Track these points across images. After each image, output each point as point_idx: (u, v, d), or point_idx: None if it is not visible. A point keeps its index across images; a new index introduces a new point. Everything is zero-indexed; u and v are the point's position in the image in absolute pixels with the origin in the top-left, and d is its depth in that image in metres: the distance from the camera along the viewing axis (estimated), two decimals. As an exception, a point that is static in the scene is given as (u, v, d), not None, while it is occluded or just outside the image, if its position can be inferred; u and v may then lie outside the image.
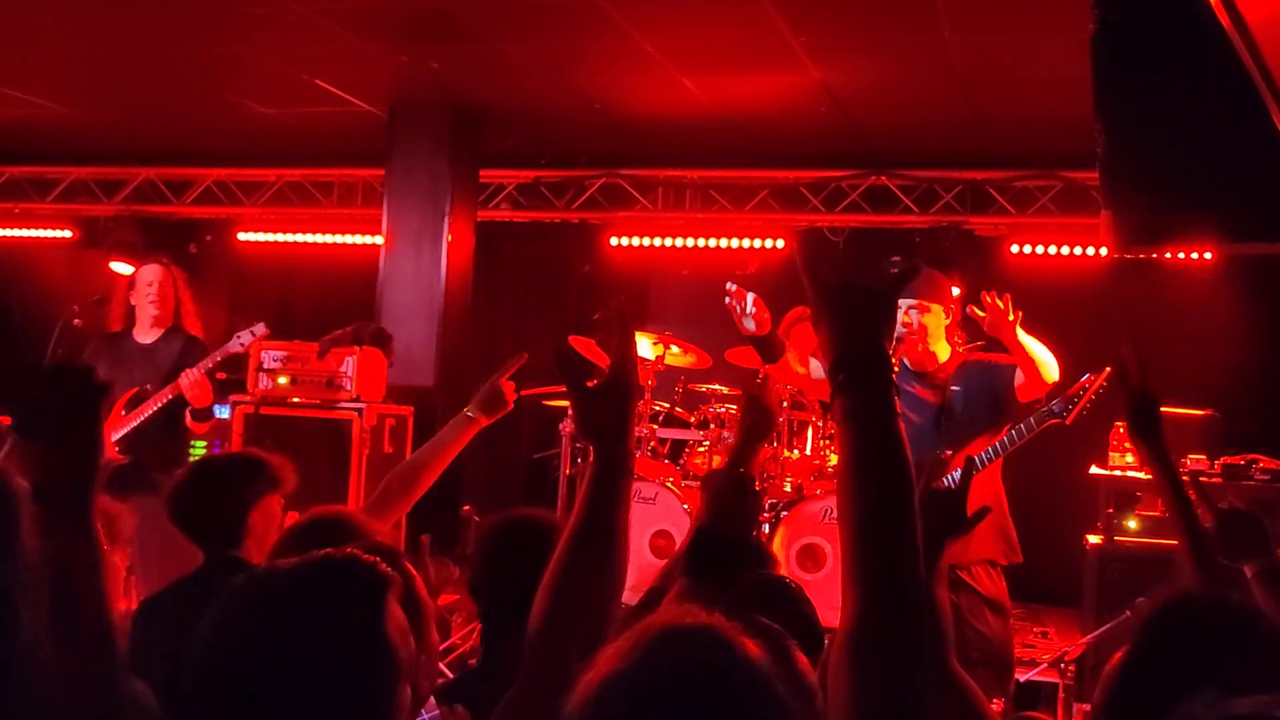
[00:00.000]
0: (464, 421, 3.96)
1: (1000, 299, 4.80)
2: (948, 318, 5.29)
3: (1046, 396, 5.02)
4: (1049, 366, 4.92)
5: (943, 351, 5.29)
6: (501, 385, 3.92)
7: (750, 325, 4.97)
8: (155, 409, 6.26)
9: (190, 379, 6.17)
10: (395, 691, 1.75)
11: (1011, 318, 4.78)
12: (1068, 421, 4.90)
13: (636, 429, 7.35)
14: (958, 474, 4.99)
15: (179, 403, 6.31)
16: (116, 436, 6.25)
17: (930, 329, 5.22)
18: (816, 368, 5.39)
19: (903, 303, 5.22)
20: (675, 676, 1.44)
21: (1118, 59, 3.18)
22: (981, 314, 4.88)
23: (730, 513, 2.46)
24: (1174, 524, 2.87)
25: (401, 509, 3.94)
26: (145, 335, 6.56)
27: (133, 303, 6.60)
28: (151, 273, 6.61)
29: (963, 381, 5.21)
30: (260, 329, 6.55)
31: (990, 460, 5.05)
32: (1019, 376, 4.96)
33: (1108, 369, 4.90)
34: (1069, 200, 9.32)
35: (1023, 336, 4.87)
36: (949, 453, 5.13)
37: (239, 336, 6.46)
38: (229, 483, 3.76)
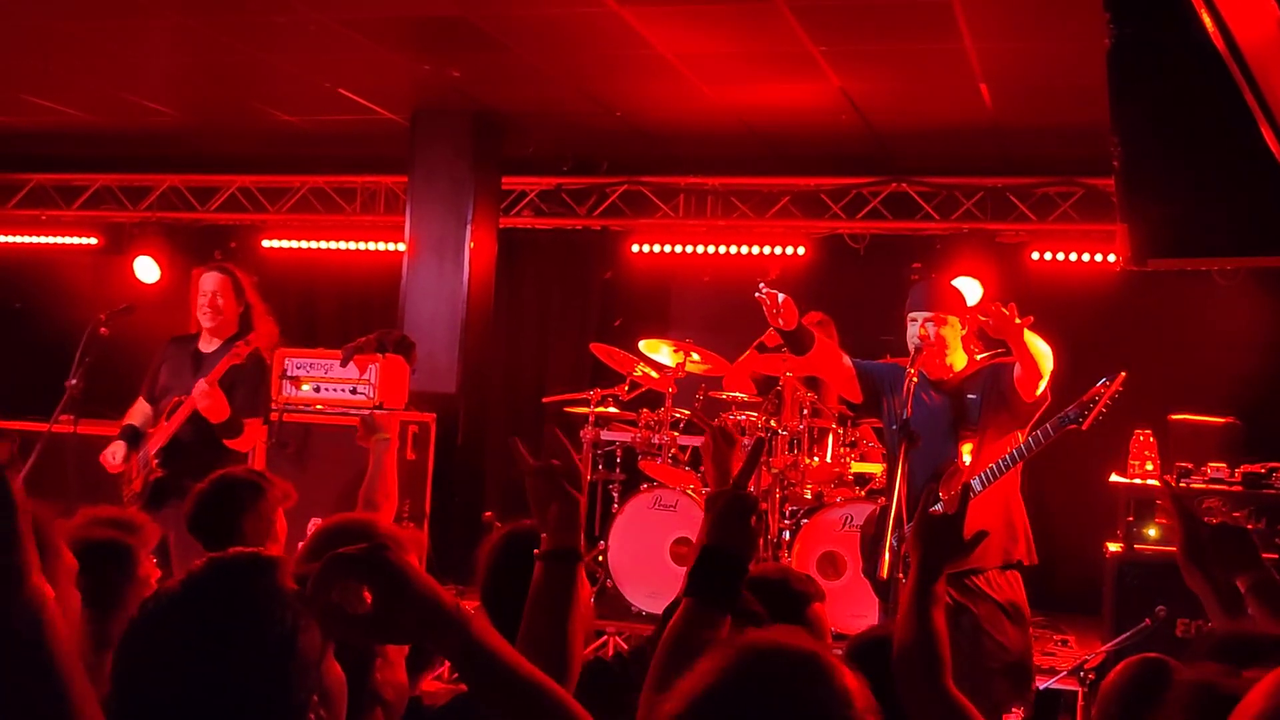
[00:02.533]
0: (383, 444, 4.44)
1: (1005, 307, 4.83)
2: (964, 328, 5.30)
3: (1062, 406, 5.03)
4: (1044, 357, 4.99)
5: (959, 361, 5.31)
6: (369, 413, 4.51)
7: (780, 322, 5.07)
8: (183, 420, 6.25)
9: (200, 390, 6.07)
10: (317, 671, 1.78)
11: (1019, 321, 4.81)
12: (1084, 427, 4.91)
13: (657, 438, 7.34)
14: (976, 483, 5.04)
15: None
16: (157, 449, 6.29)
17: (948, 340, 5.23)
18: (846, 360, 5.53)
19: (919, 315, 5.24)
20: (773, 698, 1.51)
21: (1134, 72, 3.19)
22: (984, 319, 4.91)
23: (734, 532, 2.48)
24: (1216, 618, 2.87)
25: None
26: (208, 344, 6.46)
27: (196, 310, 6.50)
28: (210, 281, 6.46)
29: (978, 389, 5.23)
30: (254, 338, 6.43)
31: (1008, 467, 5.05)
32: (1016, 369, 5.00)
33: (1122, 374, 4.91)
34: (1090, 207, 9.31)
35: (1027, 336, 4.91)
36: (967, 461, 5.14)
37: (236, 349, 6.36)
38: (249, 495, 3.83)
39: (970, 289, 8.79)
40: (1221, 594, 2.80)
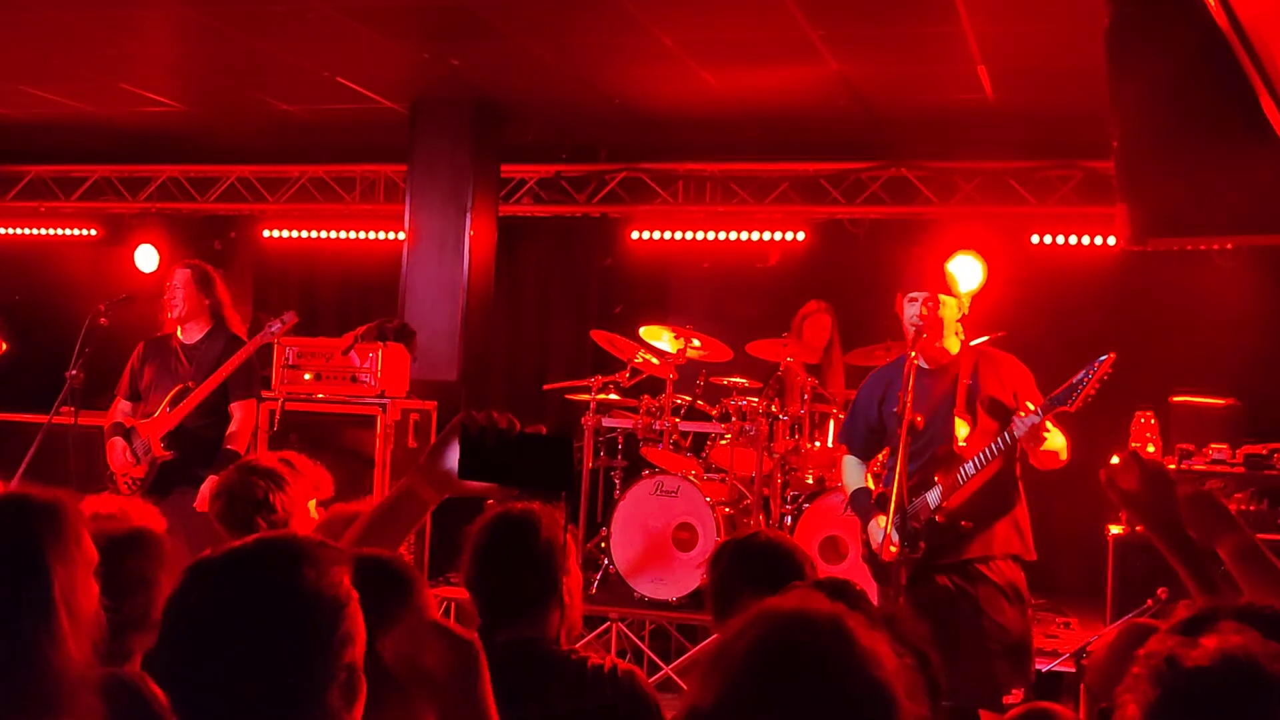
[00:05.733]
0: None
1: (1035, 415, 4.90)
2: (959, 311, 5.29)
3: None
4: (1063, 451, 5.09)
5: (953, 345, 5.30)
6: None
7: None
8: (191, 409, 6.32)
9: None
10: (350, 652, 1.85)
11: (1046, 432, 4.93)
12: (1072, 409, 4.89)
13: (658, 424, 7.30)
14: (970, 466, 5.05)
15: (222, 399, 6.37)
16: (162, 434, 6.32)
17: (945, 321, 5.23)
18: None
19: (916, 295, 5.23)
20: (792, 659, 1.57)
21: (1131, 51, 3.19)
22: (1022, 417, 4.95)
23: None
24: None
25: None
26: (188, 336, 6.64)
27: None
28: (176, 276, 6.69)
29: (975, 377, 5.22)
30: (290, 317, 6.63)
31: (1000, 450, 5.04)
32: (1023, 430, 4.97)
33: (1111, 355, 4.89)
34: (1089, 190, 9.29)
35: (1052, 441, 4.99)
36: (962, 445, 5.14)
37: (270, 327, 6.54)
38: (273, 484, 3.85)
39: (971, 267, 8.77)
40: (1195, 567, 2.78)
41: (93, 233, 11.61)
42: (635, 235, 10.47)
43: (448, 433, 2.37)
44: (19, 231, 11.80)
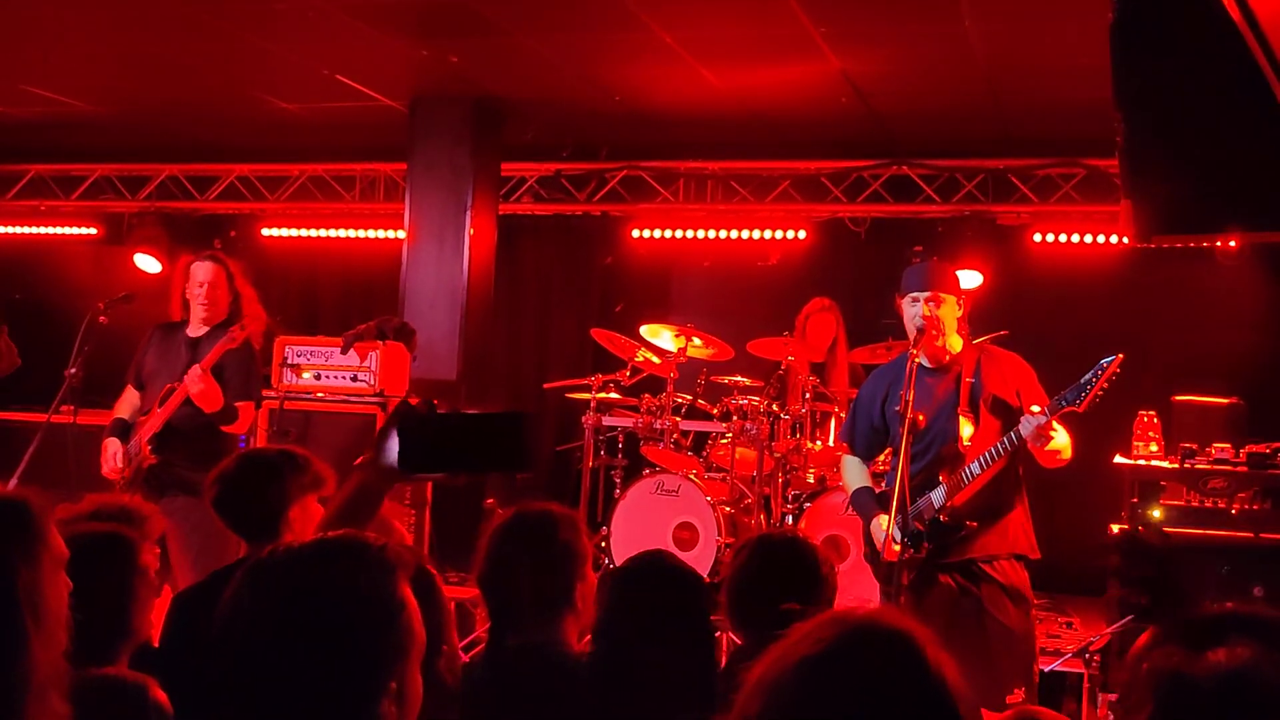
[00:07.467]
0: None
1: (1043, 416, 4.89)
2: (960, 309, 5.27)
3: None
4: (1065, 455, 5.09)
5: (955, 344, 5.28)
6: None
7: None
8: (176, 406, 6.21)
9: (194, 376, 6.08)
10: (403, 662, 1.84)
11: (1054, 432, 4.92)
12: (1080, 410, 4.87)
13: (659, 424, 7.28)
14: (975, 466, 5.03)
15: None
16: (149, 435, 6.25)
17: (945, 320, 5.20)
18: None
19: (919, 295, 5.21)
20: (862, 672, 1.55)
21: (1136, 47, 3.17)
22: (1033, 413, 4.93)
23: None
24: None
25: None
26: (197, 329, 6.46)
27: (187, 297, 6.50)
28: (204, 271, 6.46)
29: (978, 375, 5.20)
30: (236, 332, 6.44)
31: (1005, 449, 5.02)
32: (1030, 430, 4.93)
33: (1119, 356, 4.86)
34: (1092, 188, 9.27)
35: (1057, 442, 4.99)
36: (967, 443, 5.12)
37: (230, 334, 6.34)
38: (273, 475, 3.83)
39: (969, 278, 8.76)
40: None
41: (93, 231, 11.59)
42: (636, 234, 10.44)
43: (388, 424, 2.35)
44: (19, 230, 11.77)
